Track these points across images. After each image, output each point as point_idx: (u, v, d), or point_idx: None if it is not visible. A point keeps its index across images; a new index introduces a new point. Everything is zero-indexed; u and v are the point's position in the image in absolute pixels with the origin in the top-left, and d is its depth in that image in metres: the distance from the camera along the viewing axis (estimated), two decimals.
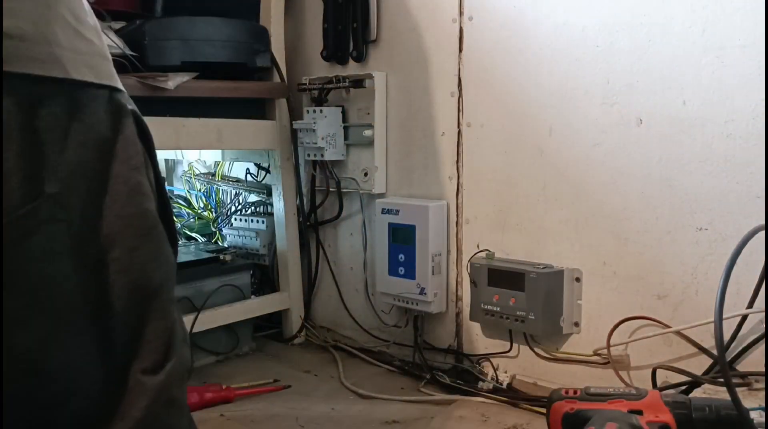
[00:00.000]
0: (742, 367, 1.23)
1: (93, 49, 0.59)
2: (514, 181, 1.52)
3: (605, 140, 1.38)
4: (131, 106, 0.62)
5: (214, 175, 2.16)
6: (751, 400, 1.08)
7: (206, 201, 2.20)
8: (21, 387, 0.54)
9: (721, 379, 1.13)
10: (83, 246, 0.56)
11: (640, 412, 0.91)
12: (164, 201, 0.67)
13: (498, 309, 1.49)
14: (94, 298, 0.57)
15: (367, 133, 1.74)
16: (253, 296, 1.89)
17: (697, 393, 1.18)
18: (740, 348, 1.23)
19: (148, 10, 1.71)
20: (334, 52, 1.81)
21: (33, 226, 0.52)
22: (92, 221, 0.57)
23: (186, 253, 1.89)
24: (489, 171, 1.56)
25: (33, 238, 0.52)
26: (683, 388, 1.25)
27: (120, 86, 0.62)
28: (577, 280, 1.44)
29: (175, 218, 2.18)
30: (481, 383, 1.56)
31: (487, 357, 1.60)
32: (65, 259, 0.55)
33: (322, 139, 1.75)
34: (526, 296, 1.44)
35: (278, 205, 1.89)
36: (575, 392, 0.97)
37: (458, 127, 1.60)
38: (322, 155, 1.77)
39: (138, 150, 0.62)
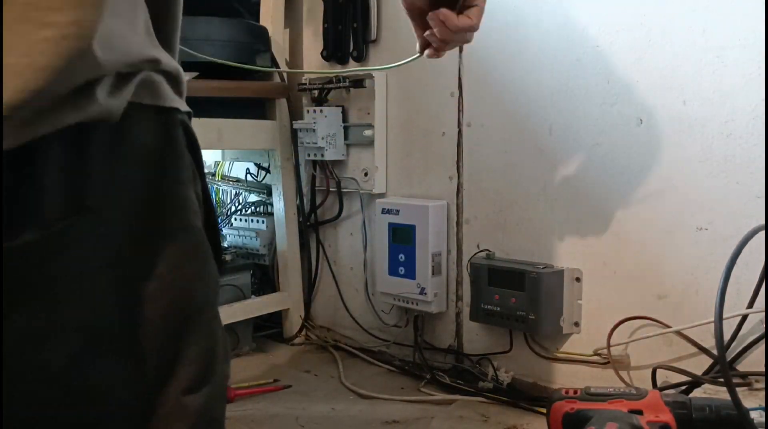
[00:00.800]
0: (743, 367, 1.23)
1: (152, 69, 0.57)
2: (514, 181, 1.52)
3: (605, 140, 1.38)
4: (181, 116, 0.60)
5: (214, 175, 2.16)
6: (751, 400, 1.08)
7: None
8: (53, 406, 0.52)
9: (721, 379, 1.13)
10: (125, 261, 0.54)
11: (640, 412, 0.91)
12: (211, 214, 0.64)
13: (498, 309, 1.49)
14: (133, 316, 0.55)
15: (367, 133, 1.74)
16: (253, 296, 1.89)
17: (697, 393, 1.18)
18: (740, 348, 1.23)
19: None
20: (334, 52, 1.81)
21: (71, 240, 0.51)
22: (136, 236, 0.55)
23: None
24: (489, 171, 1.56)
25: (70, 252, 0.51)
26: (683, 388, 1.25)
27: (174, 104, 0.59)
28: (577, 280, 1.44)
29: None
30: (481, 383, 1.56)
31: (487, 357, 1.60)
32: (104, 275, 0.53)
33: (322, 139, 1.75)
34: (526, 296, 1.44)
35: (278, 205, 1.89)
36: (575, 392, 0.97)
37: (458, 127, 1.60)
38: (323, 155, 1.77)
39: (187, 163, 0.59)
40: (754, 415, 0.91)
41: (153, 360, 0.57)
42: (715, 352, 1.26)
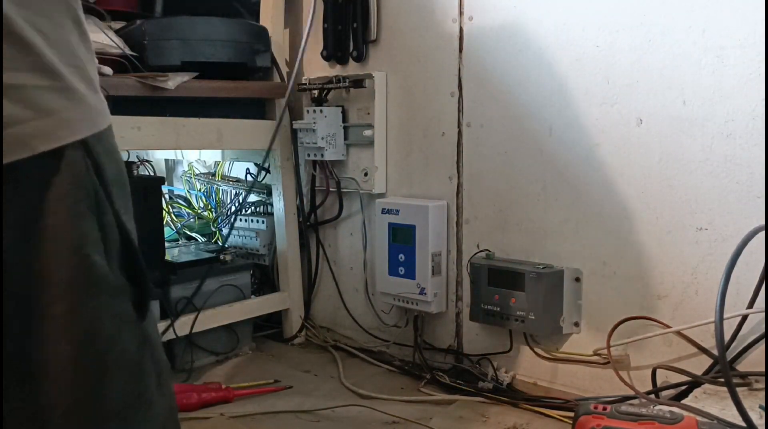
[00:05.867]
0: (742, 367, 1.23)
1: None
2: (514, 181, 1.52)
3: (605, 140, 1.38)
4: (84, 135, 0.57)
5: (214, 175, 2.16)
6: (751, 400, 1.08)
7: (206, 201, 2.19)
8: None
9: (722, 379, 1.13)
10: (22, 295, 0.54)
11: None
12: (129, 246, 0.60)
13: (498, 309, 1.49)
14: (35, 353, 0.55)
15: (367, 133, 1.74)
16: (253, 296, 1.89)
17: (697, 393, 1.18)
18: (740, 348, 1.23)
19: (148, 10, 1.71)
20: (334, 52, 1.81)
21: None
22: (36, 269, 0.54)
23: (186, 253, 1.89)
24: (489, 171, 1.56)
25: None
26: (683, 388, 1.25)
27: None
28: (577, 280, 1.44)
29: (174, 220, 2.17)
30: (481, 383, 1.56)
31: (487, 357, 1.60)
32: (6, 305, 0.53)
33: (322, 139, 1.75)
34: (526, 296, 1.44)
35: (278, 205, 1.89)
36: (604, 408, 0.94)
37: (458, 127, 1.60)
38: (322, 155, 1.77)
39: (87, 191, 0.56)
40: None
41: (62, 402, 0.55)
42: (715, 352, 1.26)
